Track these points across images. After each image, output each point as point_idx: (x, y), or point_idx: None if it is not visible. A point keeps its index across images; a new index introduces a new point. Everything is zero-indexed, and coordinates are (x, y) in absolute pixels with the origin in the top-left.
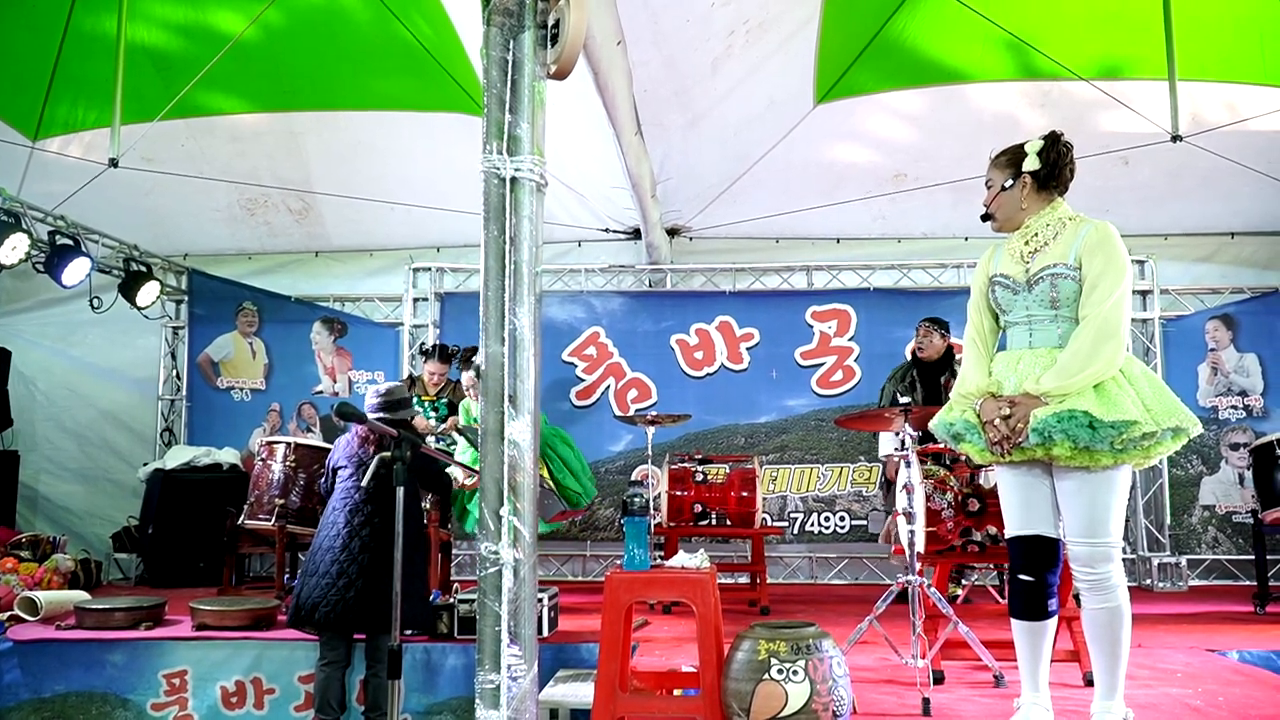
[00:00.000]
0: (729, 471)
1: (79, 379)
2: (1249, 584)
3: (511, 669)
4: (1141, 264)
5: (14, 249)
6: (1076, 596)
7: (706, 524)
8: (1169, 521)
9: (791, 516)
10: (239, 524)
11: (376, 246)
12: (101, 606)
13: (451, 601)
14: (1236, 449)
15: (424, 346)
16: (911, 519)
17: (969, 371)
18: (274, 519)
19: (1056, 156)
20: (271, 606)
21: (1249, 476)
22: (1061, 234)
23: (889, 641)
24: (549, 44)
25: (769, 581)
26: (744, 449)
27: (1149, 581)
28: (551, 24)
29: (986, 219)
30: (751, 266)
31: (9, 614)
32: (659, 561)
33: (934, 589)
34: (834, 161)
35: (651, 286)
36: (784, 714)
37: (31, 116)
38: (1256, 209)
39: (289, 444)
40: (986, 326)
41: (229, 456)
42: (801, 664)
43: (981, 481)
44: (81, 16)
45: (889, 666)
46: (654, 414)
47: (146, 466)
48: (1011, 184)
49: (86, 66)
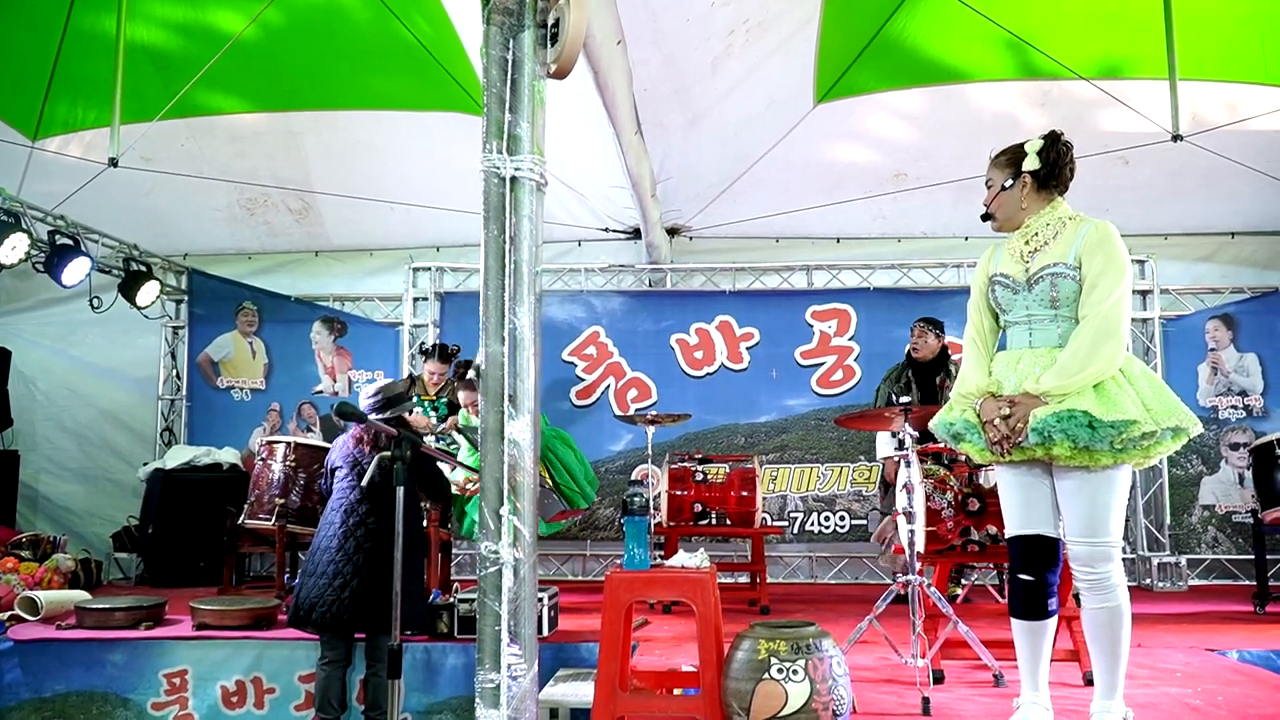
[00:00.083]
0: (729, 471)
1: (79, 379)
2: (1249, 584)
3: (511, 668)
4: (1142, 264)
5: (14, 249)
6: (1076, 596)
7: (706, 523)
8: (1169, 521)
9: (791, 516)
10: (239, 524)
11: (376, 246)
12: (102, 606)
13: (451, 601)
14: (1236, 449)
15: (424, 346)
16: (911, 518)
17: (969, 371)
18: (274, 518)
19: (1056, 156)
20: (271, 606)
21: (1249, 476)
22: (1061, 233)
23: (889, 641)
24: (549, 43)
25: (769, 581)
26: (744, 449)
27: (1149, 581)
28: (551, 23)
29: (986, 219)
30: (751, 266)
31: (9, 613)
32: (659, 561)
33: (934, 588)
34: (834, 161)
35: (651, 286)
36: (784, 713)
37: (31, 116)
38: (1257, 209)
39: (289, 444)
40: (986, 326)
41: (229, 456)
42: (801, 663)
43: (981, 481)
44: (81, 16)
45: (889, 666)
46: (654, 414)
47: (146, 466)
48: (1011, 183)
49: (86, 66)
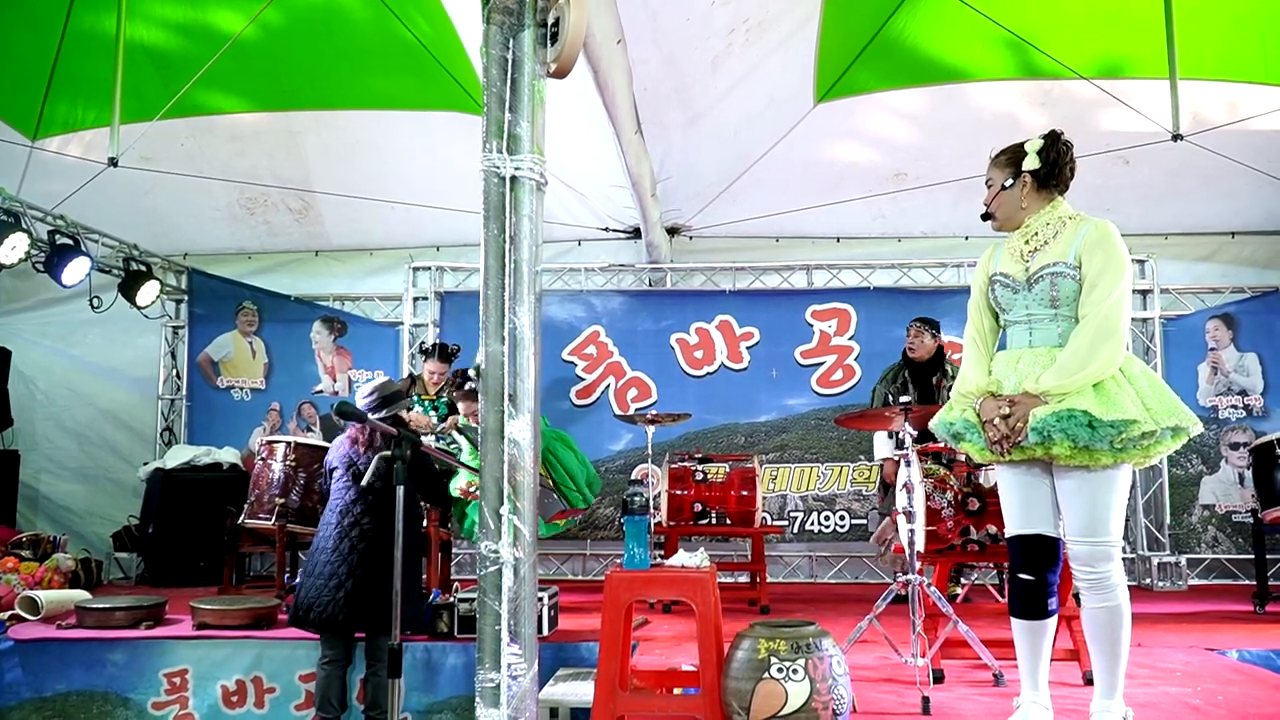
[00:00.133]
0: (729, 470)
1: (79, 378)
2: (1249, 583)
3: (511, 668)
4: (1142, 263)
5: (14, 248)
6: (1076, 595)
7: (706, 523)
8: (1169, 521)
9: (791, 515)
10: (239, 523)
11: (376, 246)
12: (102, 606)
13: (451, 600)
14: (1236, 448)
15: (424, 346)
16: (911, 518)
17: (969, 370)
18: (274, 518)
19: (1056, 155)
20: (272, 605)
21: (1249, 476)
22: (1061, 233)
23: (889, 640)
24: (549, 42)
25: (769, 580)
26: (744, 448)
27: (1149, 581)
28: (551, 22)
29: (987, 218)
30: (751, 266)
31: (10, 613)
32: (659, 560)
33: (934, 588)
34: (834, 160)
35: (651, 285)
36: (784, 713)
37: (31, 116)
38: (1257, 208)
39: (289, 443)
40: (986, 326)
41: (229, 456)
42: (801, 663)
43: (981, 480)
44: (80, 15)
45: (889, 665)
46: (654, 413)
47: (147, 466)
48: (1011, 183)
49: (86, 65)
